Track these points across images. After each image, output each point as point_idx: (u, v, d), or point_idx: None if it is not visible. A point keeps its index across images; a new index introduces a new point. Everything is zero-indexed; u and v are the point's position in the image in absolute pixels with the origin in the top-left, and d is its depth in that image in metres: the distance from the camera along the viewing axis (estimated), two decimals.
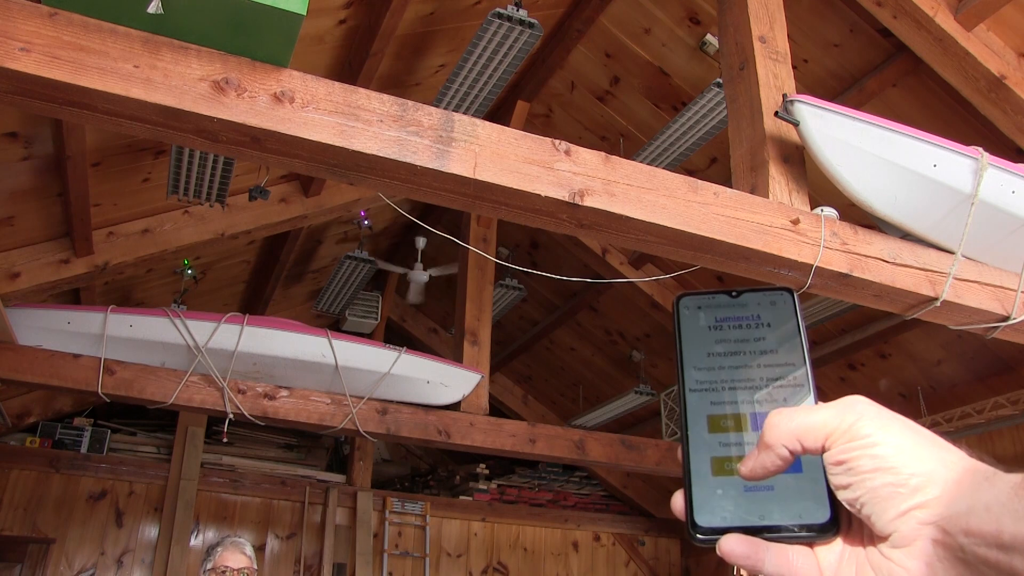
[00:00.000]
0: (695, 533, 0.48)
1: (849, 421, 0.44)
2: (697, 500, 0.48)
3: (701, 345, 0.53)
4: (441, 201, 1.96)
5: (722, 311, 0.54)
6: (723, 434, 0.50)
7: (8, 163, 3.15)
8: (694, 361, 0.53)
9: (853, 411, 0.44)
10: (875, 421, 0.44)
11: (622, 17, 4.06)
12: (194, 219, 4.02)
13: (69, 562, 5.36)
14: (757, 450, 0.46)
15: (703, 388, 0.52)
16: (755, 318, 0.54)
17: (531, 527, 6.94)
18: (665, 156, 4.04)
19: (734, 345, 0.53)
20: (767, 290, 0.54)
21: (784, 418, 0.46)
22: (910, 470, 0.42)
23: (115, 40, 1.59)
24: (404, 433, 4.01)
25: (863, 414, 0.44)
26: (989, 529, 0.39)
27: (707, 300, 0.55)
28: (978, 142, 2.52)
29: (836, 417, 0.44)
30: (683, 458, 0.50)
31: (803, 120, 2.21)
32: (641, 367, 6.12)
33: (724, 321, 0.54)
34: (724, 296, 0.55)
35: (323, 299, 5.51)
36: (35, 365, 3.47)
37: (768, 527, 0.47)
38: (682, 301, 0.55)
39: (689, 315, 0.55)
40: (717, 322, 0.54)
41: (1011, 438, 4.58)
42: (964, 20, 3.01)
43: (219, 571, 2.73)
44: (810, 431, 0.45)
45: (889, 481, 0.42)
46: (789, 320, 0.53)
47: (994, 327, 2.44)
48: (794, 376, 0.51)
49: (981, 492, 0.40)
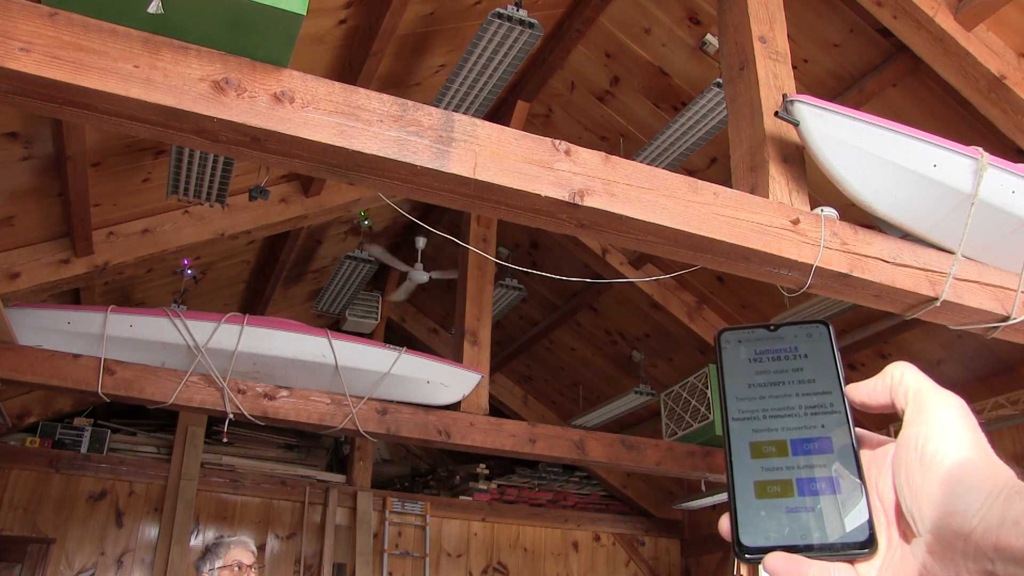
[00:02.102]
0: (742, 553, 0.50)
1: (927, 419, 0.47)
2: (742, 522, 0.51)
3: (742, 376, 0.56)
4: (441, 201, 1.96)
5: (761, 344, 0.57)
6: (765, 459, 0.53)
7: (8, 163, 3.15)
8: (736, 391, 0.55)
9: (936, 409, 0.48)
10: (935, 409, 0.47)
11: (622, 17, 4.06)
12: (194, 219, 4.02)
13: (69, 562, 5.36)
14: (874, 382, 0.52)
15: (745, 417, 0.55)
16: (793, 350, 0.57)
17: (531, 527, 6.94)
18: (665, 156, 4.04)
19: (774, 376, 0.56)
20: (804, 323, 0.58)
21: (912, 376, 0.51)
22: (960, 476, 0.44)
23: (115, 40, 1.59)
24: (404, 433, 4.01)
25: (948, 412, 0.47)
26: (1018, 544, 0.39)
27: (747, 334, 0.58)
28: (978, 142, 2.52)
29: None
30: (728, 482, 0.53)
31: (803, 120, 2.21)
32: (641, 367, 6.12)
33: (764, 353, 0.57)
34: (763, 330, 0.58)
35: (323, 299, 5.51)
36: (35, 365, 3.47)
37: (810, 545, 0.50)
38: (723, 336, 0.58)
39: (730, 348, 0.58)
40: (757, 354, 0.57)
41: (1011, 438, 4.58)
42: (964, 20, 3.01)
43: (233, 568, 2.76)
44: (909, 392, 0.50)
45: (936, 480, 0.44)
46: (825, 351, 0.56)
47: (994, 327, 2.44)
48: (831, 403, 0.54)
49: (1013, 505, 0.41)
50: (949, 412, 0.47)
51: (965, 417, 0.46)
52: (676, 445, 4.72)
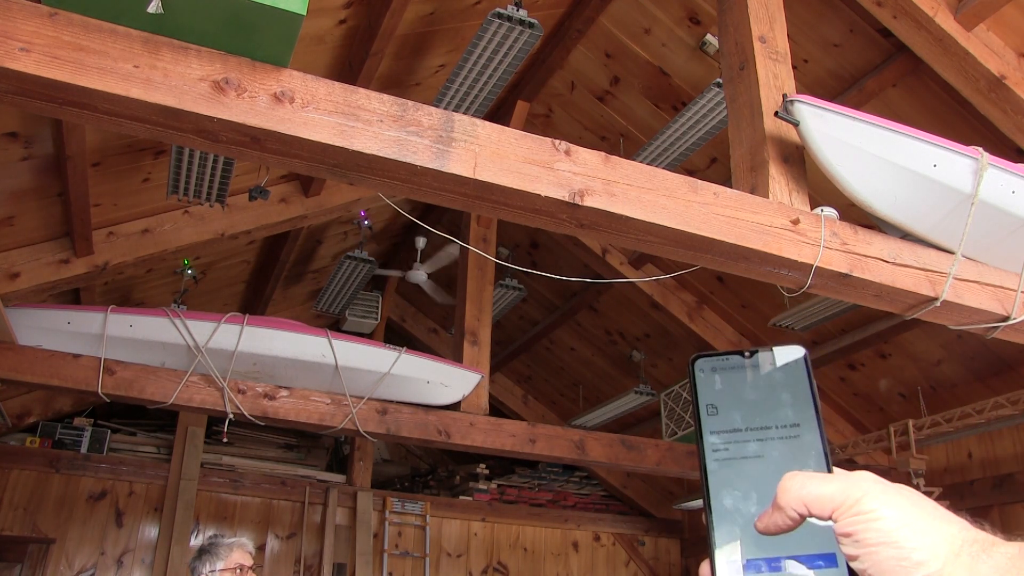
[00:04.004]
0: None
1: (855, 496, 0.46)
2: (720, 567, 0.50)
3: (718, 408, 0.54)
4: (441, 201, 1.96)
5: (736, 372, 0.55)
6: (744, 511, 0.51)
7: (8, 163, 3.15)
8: (712, 425, 0.53)
9: (859, 487, 0.46)
10: (880, 497, 0.46)
11: (622, 17, 4.05)
12: (194, 219, 4.02)
13: (69, 562, 5.36)
14: (771, 509, 0.49)
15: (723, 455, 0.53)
16: (767, 378, 0.55)
17: (531, 527, 6.94)
18: (665, 156, 4.04)
19: (749, 406, 0.54)
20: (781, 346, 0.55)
21: (796, 483, 0.48)
22: (912, 544, 0.44)
23: (115, 40, 1.59)
24: (404, 433, 4.01)
25: (868, 491, 0.46)
26: None
27: (721, 362, 0.56)
28: (978, 142, 2.52)
29: (843, 492, 0.46)
30: (707, 525, 0.51)
31: (803, 120, 2.21)
32: (641, 367, 6.12)
33: (738, 382, 0.55)
34: (737, 356, 0.56)
35: (323, 299, 5.51)
36: (35, 365, 3.47)
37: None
38: (697, 364, 0.56)
39: (704, 378, 0.55)
40: (732, 384, 0.55)
41: (1011, 438, 4.58)
42: (964, 20, 3.01)
43: (235, 571, 2.77)
44: (818, 501, 0.47)
45: (892, 555, 0.44)
46: (801, 380, 0.54)
47: (994, 327, 2.44)
48: (807, 437, 0.52)
49: (979, 564, 0.42)
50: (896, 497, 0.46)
51: (914, 497, 0.46)
52: (676, 445, 4.72)
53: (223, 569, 2.78)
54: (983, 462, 4.70)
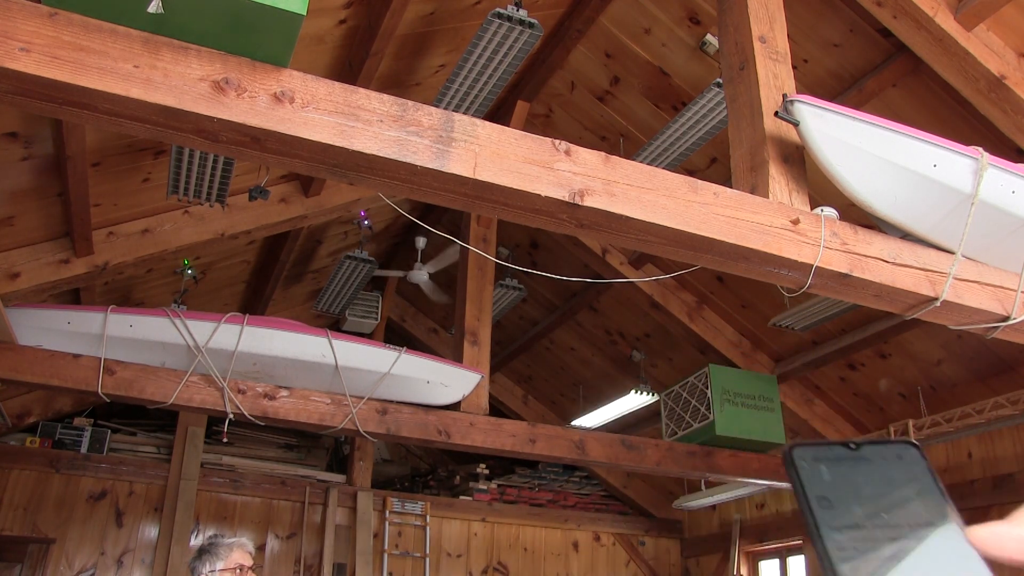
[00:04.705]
0: None
1: None
2: None
3: (832, 502, 0.49)
4: (441, 201, 1.96)
5: (844, 464, 0.51)
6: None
7: (8, 163, 3.15)
8: (829, 520, 0.48)
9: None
10: None
11: (622, 17, 4.06)
12: (194, 219, 4.02)
13: (69, 562, 5.36)
14: None
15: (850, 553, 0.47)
16: (883, 472, 0.50)
17: (531, 527, 6.94)
18: (665, 156, 4.04)
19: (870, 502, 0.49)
20: (890, 443, 0.52)
21: None
22: None
23: (115, 40, 1.59)
24: (404, 433, 4.01)
25: None
26: None
27: (825, 452, 0.51)
28: (978, 142, 2.52)
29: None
30: None
31: (803, 120, 2.21)
32: (641, 367, 6.12)
33: (850, 475, 0.50)
34: (842, 448, 0.51)
35: (323, 299, 5.51)
36: (35, 365, 3.47)
37: None
38: (796, 452, 0.51)
39: (808, 468, 0.50)
40: (843, 476, 0.50)
41: (1011, 438, 4.58)
42: (964, 20, 3.01)
43: (235, 571, 2.77)
44: None
45: None
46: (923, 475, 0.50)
47: (994, 327, 2.44)
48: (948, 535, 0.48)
49: None
50: None
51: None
52: (676, 445, 4.72)
53: (223, 569, 2.77)
54: (983, 462, 4.70)
